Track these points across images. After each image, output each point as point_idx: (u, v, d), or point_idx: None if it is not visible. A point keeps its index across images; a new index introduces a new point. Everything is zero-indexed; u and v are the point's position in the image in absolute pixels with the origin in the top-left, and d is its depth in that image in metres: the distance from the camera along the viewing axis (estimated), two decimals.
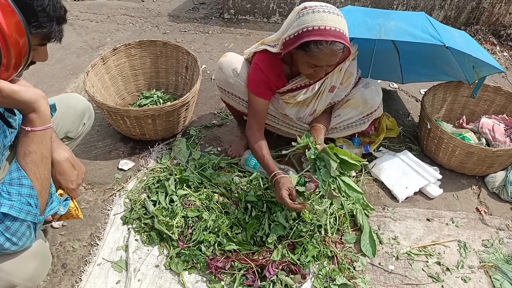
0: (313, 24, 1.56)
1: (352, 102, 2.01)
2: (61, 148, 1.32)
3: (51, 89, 2.80)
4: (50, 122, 1.12)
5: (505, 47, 3.76)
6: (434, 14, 3.74)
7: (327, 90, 1.94)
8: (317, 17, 1.56)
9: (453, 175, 2.26)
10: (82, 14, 3.87)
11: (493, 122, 2.29)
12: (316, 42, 1.56)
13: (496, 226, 2.00)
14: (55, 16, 1.06)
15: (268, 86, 1.88)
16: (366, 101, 1.97)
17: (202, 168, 2.12)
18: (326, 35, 1.54)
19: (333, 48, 1.57)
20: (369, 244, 1.82)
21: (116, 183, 2.10)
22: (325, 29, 1.55)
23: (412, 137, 2.54)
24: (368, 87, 1.99)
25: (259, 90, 1.88)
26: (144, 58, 2.59)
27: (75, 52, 3.26)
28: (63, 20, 1.11)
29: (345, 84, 1.95)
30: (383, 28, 1.89)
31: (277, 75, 1.87)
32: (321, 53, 1.58)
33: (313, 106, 2.02)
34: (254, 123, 1.92)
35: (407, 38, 1.86)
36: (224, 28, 3.78)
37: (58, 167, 1.30)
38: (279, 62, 1.78)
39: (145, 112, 2.07)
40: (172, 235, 1.75)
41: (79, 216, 1.40)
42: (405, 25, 1.91)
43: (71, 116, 1.68)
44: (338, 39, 1.56)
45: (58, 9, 1.07)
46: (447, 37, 1.88)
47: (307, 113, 2.05)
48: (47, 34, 1.06)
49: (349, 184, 1.65)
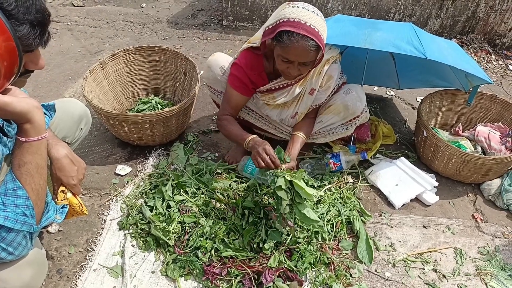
0: (289, 16, 1.61)
1: (333, 108, 2.02)
2: (58, 145, 1.32)
3: (49, 94, 2.80)
4: (45, 132, 1.10)
5: (500, 56, 3.79)
6: (430, 22, 3.77)
7: (307, 92, 1.96)
8: (295, 11, 1.62)
9: (449, 182, 2.27)
10: (81, 19, 3.88)
11: (488, 130, 2.31)
12: (288, 33, 1.60)
13: (492, 233, 2.00)
14: (28, 19, 0.97)
15: (246, 82, 1.92)
16: (347, 107, 1.98)
17: (199, 173, 2.12)
18: (298, 28, 1.59)
19: (304, 43, 1.60)
20: (365, 251, 1.82)
21: (113, 188, 2.10)
22: (299, 22, 1.59)
23: (408, 144, 2.55)
24: (349, 93, 1.99)
25: (238, 84, 1.94)
26: (142, 64, 2.60)
27: (73, 57, 3.27)
28: (41, 24, 1.02)
29: (325, 87, 1.95)
30: (368, 37, 1.92)
31: (258, 74, 1.91)
32: (292, 45, 1.62)
33: (294, 109, 2.04)
34: (224, 113, 2.00)
35: (391, 49, 1.89)
36: (222, 35, 3.80)
37: (57, 164, 1.30)
38: (261, 60, 1.82)
39: (143, 118, 2.07)
40: (169, 241, 1.75)
41: (84, 212, 1.40)
42: (390, 36, 1.94)
43: (68, 121, 1.68)
44: (310, 35, 1.59)
45: (33, 11, 0.98)
46: (432, 48, 1.91)
47: (289, 115, 2.07)
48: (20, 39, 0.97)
49: (304, 214, 1.61)
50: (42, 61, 1.12)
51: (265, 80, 1.94)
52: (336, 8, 3.75)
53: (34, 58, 1.08)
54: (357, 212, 1.99)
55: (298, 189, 1.60)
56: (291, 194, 1.61)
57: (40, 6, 1.01)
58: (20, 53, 0.97)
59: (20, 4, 0.95)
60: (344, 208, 1.97)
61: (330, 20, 2.09)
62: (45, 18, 1.03)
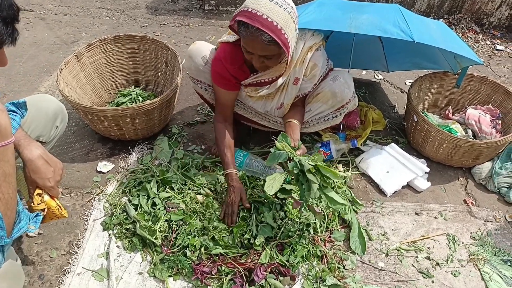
0: (249, 6, 1.51)
1: (321, 96, 1.93)
2: (32, 145, 1.24)
3: (23, 88, 2.67)
4: (11, 136, 1.02)
5: (487, 35, 3.75)
6: (417, 3, 3.70)
7: (291, 82, 1.87)
8: (256, 1, 1.50)
9: (440, 167, 2.24)
10: (55, 7, 3.70)
11: (479, 113, 2.28)
12: (244, 24, 1.51)
13: (483, 218, 1.99)
14: (1, 16, 0.94)
15: (228, 77, 1.84)
16: (335, 94, 1.90)
17: (185, 168, 2.04)
18: (253, 20, 1.48)
19: (259, 37, 1.49)
20: (358, 241, 1.79)
21: (95, 186, 2.01)
22: (256, 14, 1.48)
23: (398, 129, 2.51)
24: (337, 79, 1.90)
25: (221, 81, 1.86)
26: (121, 54, 2.48)
27: (48, 48, 3.11)
28: (14, 20, 0.98)
29: (310, 75, 1.86)
30: (353, 21, 1.84)
31: (238, 67, 1.82)
32: (247, 37, 1.53)
33: (278, 99, 1.95)
34: (219, 114, 1.95)
35: (377, 32, 1.82)
36: (205, 20, 3.67)
37: (31, 166, 1.22)
38: (240, 52, 1.70)
39: (123, 112, 1.97)
40: (155, 240, 1.68)
41: (64, 215, 1.33)
42: (376, 19, 1.87)
43: (43, 119, 1.58)
44: (266, 28, 1.47)
45: (5, 8, 0.94)
46: (421, 30, 1.85)
47: (274, 106, 1.99)
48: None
49: (332, 197, 1.58)
50: (5, 58, 1.06)
51: (246, 72, 1.85)
52: None
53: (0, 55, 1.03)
54: (348, 202, 1.94)
55: (325, 172, 1.54)
56: (319, 178, 1.56)
57: (10, 1, 0.96)
58: None
59: None
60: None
61: (313, 4, 2.00)
62: (16, 14, 0.99)
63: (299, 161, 1.56)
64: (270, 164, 1.65)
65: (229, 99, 1.93)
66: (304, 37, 1.78)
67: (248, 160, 2.02)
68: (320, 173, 1.56)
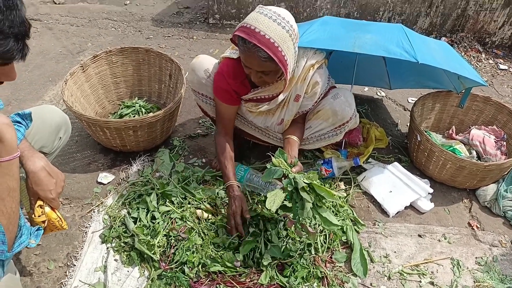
0: (248, 22, 1.53)
1: (321, 113, 1.92)
2: (35, 157, 1.23)
3: (28, 97, 2.67)
4: (16, 151, 1.01)
5: (490, 54, 3.77)
6: (420, 21, 3.72)
7: (292, 99, 1.87)
8: (255, 18, 1.53)
9: (444, 188, 2.22)
10: (62, 17, 3.73)
11: (483, 134, 2.26)
12: (242, 39, 1.53)
13: (489, 242, 1.95)
14: (13, 33, 0.93)
15: (230, 92, 1.84)
16: (336, 112, 1.89)
17: (185, 181, 2.02)
18: (251, 36, 1.50)
19: (256, 53, 1.52)
20: (360, 263, 1.75)
21: (95, 197, 2.00)
22: (254, 30, 1.50)
23: (401, 148, 2.49)
24: (338, 97, 1.89)
25: (223, 95, 1.87)
26: (126, 66, 2.49)
27: (54, 58, 3.13)
28: (25, 37, 0.98)
29: (311, 93, 1.86)
30: (357, 41, 1.85)
31: (240, 82, 1.83)
32: (245, 52, 1.56)
33: (279, 115, 1.95)
34: (220, 128, 1.96)
35: (381, 53, 1.82)
36: (209, 33, 3.69)
37: (33, 178, 1.21)
38: (242, 68, 1.71)
39: (126, 124, 1.97)
40: (154, 255, 1.65)
41: (64, 227, 1.33)
42: (380, 38, 1.87)
43: (46, 130, 1.58)
44: (263, 45, 1.49)
45: (17, 24, 0.94)
46: (424, 51, 1.85)
47: (274, 122, 1.99)
48: (3, 54, 0.94)
49: (326, 218, 1.55)
50: (15, 73, 1.06)
51: (247, 87, 1.85)
52: (325, 6, 3.67)
53: (8, 70, 1.02)
54: (350, 222, 1.92)
55: (320, 191, 1.52)
56: (313, 197, 1.53)
57: (22, 18, 0.96)
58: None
59: (5, 17, 0.91)
60: (337, 217, 1.90)
61: (316, 22, 2.01)
62: (27, 30, 0.99)
63: (294, 178, 1.53)
64: (265, 179, 1.63)
65: (230, 113, 1.93)
66: (306, 54, 1.79)
67: (249, 175, 2.00)
68: (315, 192, 1.53)
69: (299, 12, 3.69)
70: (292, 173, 1.57)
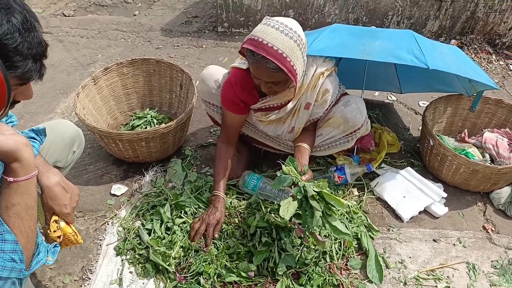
0: (256, 34, 1.55)
1: (332, 121, 1.92)
2: (50, 172, 1.24)
3: (40, 110, 2.71)
4: (34, 170, 1.02)
5: (500, 56, 3.73)
6: (429, 24, 3.71)
7: (302, 107, 1.88)
8: (263, 30, 1.54)
9: (457, 191, 2.20)
10: (72, 30, 3.79)
11: (496, 137, 2.24)
12: (250, 51, 1.54)
13: (504, 245, 1.93)
14: (31, 54, 0.94)
15: (237, 101, 1.86)
16: (347, 120, 1.88)
17: (198, 191, 2.03)
18: (259, 48, 1.51)
19: (264, 64, 1.53)
20: (375, 269, 1.74)
21: (108, 210, 2.01)
22: (262, 42, 1.51)
23: (413, 152, 2.48)
24: (348, 105, 1.89)
25: (230, 104, 1.89)
26: (136, 77, 2.52)
27: (65, 70, 3.17)
28: (42, 57, 0.99)
29: (321, 101, 1.86)
30: (367, 48, 1.84)
31: (248, 92, 1.84)
32: (253, 64, 1.57)
33: (290, 123, 1.95)
34: (224, 136, 2.00)
35: (391, 59, 1.82)
36: (218, 42, 3.71)
37: (48, 193, 1.22)
38: (251, 79, 1.72)
39: (138, 135, 1.99)
40: (169, 267, 1.66)
41: (79, 241, 1.33)
42: (389, 45, 1.87)
43: (60, 144, 1.60)
44: (271, 57, 1.50)
45: (35, 45, 0.94)
46: (435, 56, 1.84)
47: (285, 130, 1.99)
48: (22, 75, 0.94)
49: (335, 226, 1.54)
50: (31, 92, 1.07)
51: (256, 97, 1.87)
52: (333, 12, 3.67)
53: (25, 90, 1.04)
54: (364, 228, 1.91)
55: (329, 199, 1.52)
56: (323, 205, 1.53)
57: (39, 39, 0.97)
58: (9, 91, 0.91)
59: (24, 39, 0.91)
60: (351, 224, 1.90)
61: (325, 30, 2.01)
62: (44, 51, 1.00)
63: (304, 186, 1.54)
64: (275, 187, 1.64)
65: (235, 122, 1.95)
66: (315, 62, 1.79)
67: (262, 184, 2.00)
68: (325, 201, 1.53)
69: (307, 18, 3.70)
70: (302, 181, 1.57)
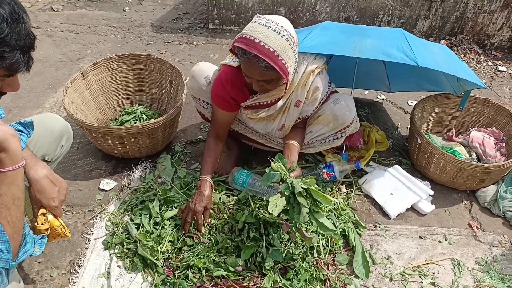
0: (247, 32, 1.54)
1: (322, 118, 1.93)
2: (38, 165, 1.24)
3: (28, 104, 2.68)
4: (21, 160, 1.03)
5: (489, 56, 3.78)
6: (419, 24, 3.74)
7: (293, 105, 1.88)
8: (254, 28, 1.53)
9: (444, 189, 2.23)
10: (61, 25, 3.75)
11: (483, 136, 2.27)
12: (242, 50, 1.53)
13: (489, 242, 1.96)
14: (19, 45, 0.95)
15: (227, 98, 1.86)
16: (336, 117, 1.90)
17: (187, 187, 2.03)
18: (250, 47, 1.50)
19: (256, 63, 1.52)
20: (362, 265, 1.76)
21: (97, 204, 2.00)
22: (253, 41, 1.50)
23: (401, 150, 2.50)
24: (338, 102, 1.91)
25: (220, 101, 1.88)
26: (126, 72, 2.50)
27: (54, 65, 3.15)
28: (30, 49, 1.00)
29: (311, 98, 1.86)
30: (357, 45, 1.86)
31: (238, 89, 1.84)
32: (245, 62, 1.56)
33: (280, 121, 1.96)
34: (213, 131, 1.99)
35: (381, 57, 1.84)
36: (208, 39, 3.71)
37: (36, 186, 1.22)
38: (242, 76, 1.72)
39: (127, 130, 1.98)
40: (157, 261, 1.66)
41: (67, 234, 1.34)
42: (380, 43, 1.88)
43: (48, 138, 1.59)
44: (263, 55, 1.50)
45: (23, 37, 0.96)
46: (424, 55, 1.86)
47: (275, 127, 2.00)
48: (9, 66, 0.95)
49: (322, 223, 1.56)
50: (18, 84, 1.08)
51: (246, 94, 1.86)
52: (324, 10, 3.69)
53: (12, 81, 1.05)
54: (352, 224, 1.93)
55: (316, 196, 1.53)
56: (310, 202, 1.54)
57: (28, 30, 0.98)
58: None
59: (12, 30, 0.93)
60: (339, 220, 1.91)
61: (316, 28, 2.02)
62: (32, 43, 1.01)
63: (291, 183, 1.55)
64: (263, 184, 1.65)
65: (225, 119, 1.95)
66: (306, 60, 1.80)
67: (251, 180, 2.01)
68: (312, 197, 1.54)
69: (298, 16, 3.71)
70: (290, 178, 1.58)
